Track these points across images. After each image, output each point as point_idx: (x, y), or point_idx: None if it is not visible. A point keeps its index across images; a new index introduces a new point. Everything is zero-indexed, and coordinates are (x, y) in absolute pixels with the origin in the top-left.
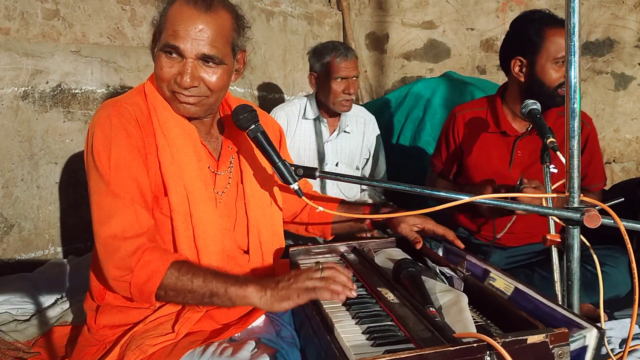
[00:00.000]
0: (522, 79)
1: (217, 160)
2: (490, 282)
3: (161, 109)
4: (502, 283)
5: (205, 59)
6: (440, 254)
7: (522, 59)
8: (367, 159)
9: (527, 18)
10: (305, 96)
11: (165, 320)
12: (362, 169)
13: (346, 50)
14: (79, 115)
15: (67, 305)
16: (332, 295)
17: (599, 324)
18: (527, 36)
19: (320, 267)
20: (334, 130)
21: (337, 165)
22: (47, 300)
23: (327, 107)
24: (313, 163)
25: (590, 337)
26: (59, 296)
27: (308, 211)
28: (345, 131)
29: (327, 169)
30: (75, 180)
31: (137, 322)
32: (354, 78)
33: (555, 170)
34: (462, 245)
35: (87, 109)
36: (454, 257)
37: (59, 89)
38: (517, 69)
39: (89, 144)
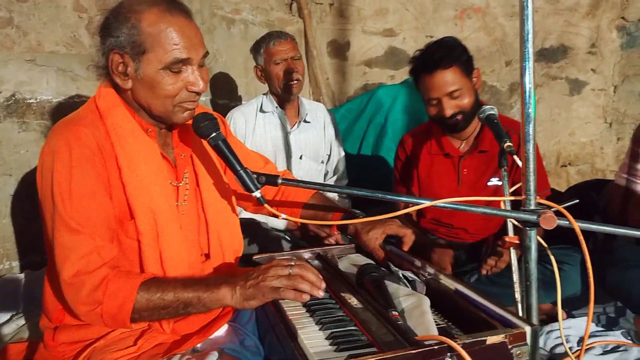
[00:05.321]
0: None
1: (176, 170)
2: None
3: (120, 128)
4: (445, 284)
5: (202, 59)
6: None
7: None
8: (329, 155)
9: None
10: (263, 94)
11: (128, 335)
12: (326, 163)
13: (279, 33)
14: (34, 125)
15: (22, 321)
16: (296, 295)
17: (542, 323)
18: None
19: (291, 263)
20: (295, 122)
21: (300, 158)
22: (1, 316)
23: (281, 97)
24: (278, 156)
25: (526, 334)
26: (14, 312)
27: (280, 196)
28: (306, 120)
29: (292, 162)
30: (31, 192)
31: (98, 338)
32: (294, 59)
33: (500, 183)
34: (405, 248)
35: (43, 119)
36: (399, 260)
37: (13, 98)
38: None
39: (47, 175)
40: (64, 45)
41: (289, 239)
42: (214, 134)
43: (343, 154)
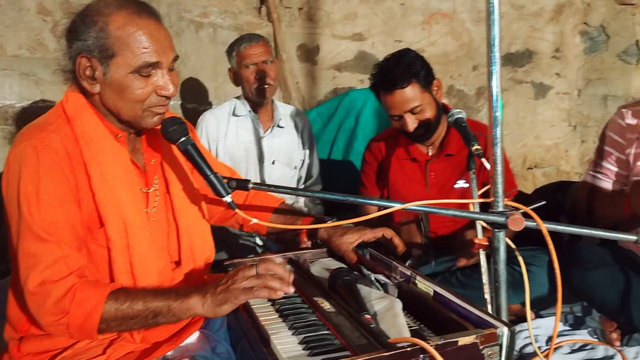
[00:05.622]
0: None
1: (145, 175)
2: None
3: (90, 134)
4: (422, 287)
5: (172, 63)
6: (368, 257)
7: None
8: (303, 160)
9: None
10: (236, 97)
11: (96, 344)
12: (300, 169)
13: (251, 36)
14: None
15: None
16: (270, 292)
17: (511, 323)
18: None
19: (256, 263)
20: (269, 127)
21: (273, 163)
22: None
23: (253, 101)
24: (250, 161)
25: (502, 335)
26: None
27: (249, 202)
28: (279, 125)
29: (264, 167)
30: None
31: (65, 348)
32: (266, 62)
33: (467, 185)
34: (400, 249)
35: (7, 125)
36: (379, 263)
37: None
38: None
39: (13, 182)
40: (28, 49)
41: (259, 244)
42: (183, 139)
43: (317, 159)
